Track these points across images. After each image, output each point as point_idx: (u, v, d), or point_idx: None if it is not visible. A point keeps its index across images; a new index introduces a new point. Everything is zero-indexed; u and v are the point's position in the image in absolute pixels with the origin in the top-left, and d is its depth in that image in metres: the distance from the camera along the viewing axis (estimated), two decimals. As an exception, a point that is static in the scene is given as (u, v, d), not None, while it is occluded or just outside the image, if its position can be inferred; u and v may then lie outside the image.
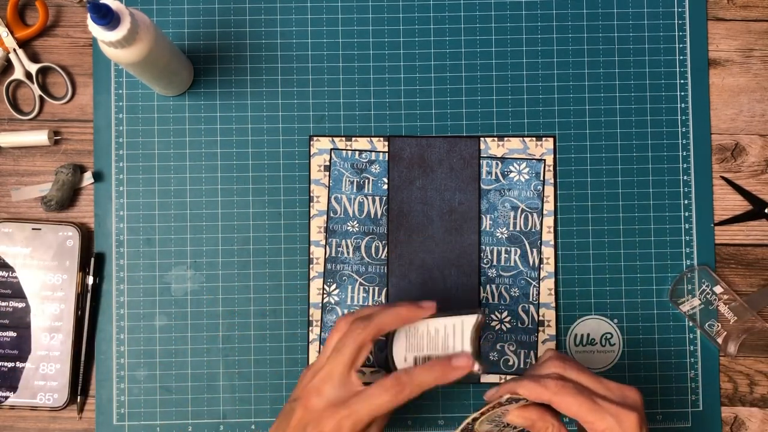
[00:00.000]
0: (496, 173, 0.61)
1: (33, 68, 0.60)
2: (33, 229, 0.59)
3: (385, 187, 0.60)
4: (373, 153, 0.61)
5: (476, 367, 0.44)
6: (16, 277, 0.58)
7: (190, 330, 0.59)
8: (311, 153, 0.61)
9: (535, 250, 0.60)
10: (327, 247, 0.60)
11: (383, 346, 0.47)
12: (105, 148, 0.60)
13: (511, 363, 0.60)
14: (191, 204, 0.60)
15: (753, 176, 0.62)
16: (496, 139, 0.61)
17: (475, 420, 0.44)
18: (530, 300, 0.60)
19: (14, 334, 0.58)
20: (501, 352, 0.60)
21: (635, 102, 0.61)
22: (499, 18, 0.62)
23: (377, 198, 0.60)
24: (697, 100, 0.62)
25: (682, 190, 0.61)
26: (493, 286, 0.60)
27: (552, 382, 0.43)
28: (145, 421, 0.59)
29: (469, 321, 0.45)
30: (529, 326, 0.60)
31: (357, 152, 0.61)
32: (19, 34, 0.60)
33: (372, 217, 0.60)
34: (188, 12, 0.61)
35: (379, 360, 0.48)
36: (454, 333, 0.45)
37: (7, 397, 0.58)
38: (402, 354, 0.47)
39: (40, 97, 0.61)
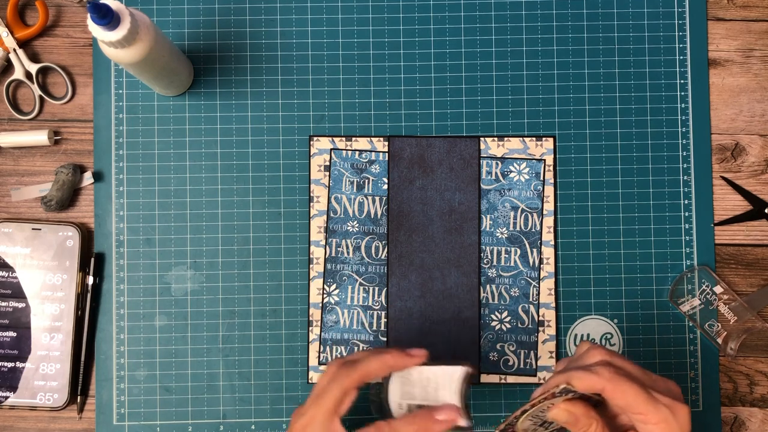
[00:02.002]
0: (496, 173, 0.61)
1: (33, 68, 0.60)
2: (33, 229, 0.59)
3: (385, 187, 0.60)
4: (373, 153, 0.61)
5: (462, 422, 0.43)
6: (16, 277, 0.58)
7: (190, 330, 0.59)
8: (311, 153, 0.61)
9: (535, 250, 0.60)
10: (327, 247, 0.60)
11: (379, 392, 0.47)
12: (105, 148, 0.60)
13: (511, 363, 0.60)
14: (191, 204, 0.60)
15: (753, 176, 0.62)
16: (496, 139, 0.61)
17: (524, 412, 0.42)
18: (530, 300, 0.60)
19: (14, 334, 0.58)
20: (501, 352, 0.60)
21: (635, 102, 0.61)
22: (499, 18, 0.62)
23: (377, 198, 0.60)
24: (697, 100, 0.62)
25: (682, 190, 0.61)
26: (493, 286, 0.60)
27: (604, 370, 0.40)
28: (145, 421, 0.59)
29: (458, 373, 0.45)
30: (529, 326, 0.60)
31: (357, 152, 0.61)
32: (19, 34, 0.60)
33: (372, 217, 0.60)
34: (188, 12, 0.61)
35: (376, 406, 0.47)
36: (444, 384, 0.45)
37: (7, 397, 0.58)
38: (397, 401, 0.46)
39: (40, 97, 0.61)
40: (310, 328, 0.60)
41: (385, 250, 0.60)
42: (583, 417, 0.41)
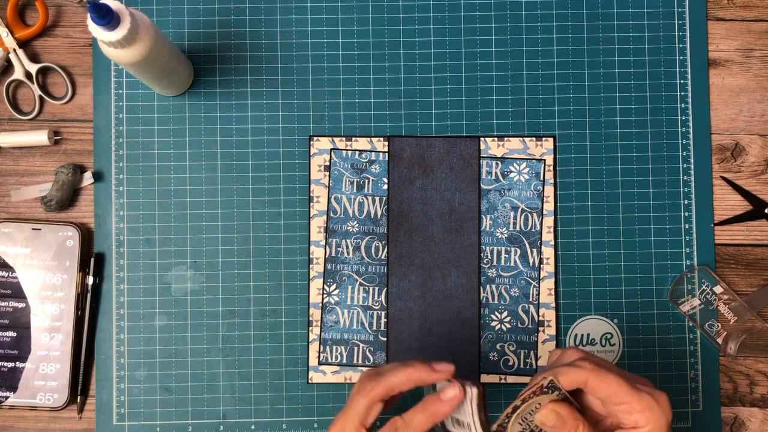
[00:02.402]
0: (496, 173, 0.61)
1: (33, 68, 0.60)
2: (33, 229, 0.59)
3: (385, 187, 0.60)
4: (373, 153, 0.61)
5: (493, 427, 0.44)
6: (16, 277, 0.58)
7: (190, 330, 0.59)
8: (311, 153, 0.61)
9: (535, 250, 0.60)
10: (327, 247, 0.60)
11: None
12: (105, 148, 0.60)
13: (511, 363, 0.60)
14: (191, 204, 0.60)
15: (753, 176, 0.62)
16: (496, 139, 0.61)
17: (515, 408, 0.43)
18: (530, 300, 0.60)
19: (14, 334, 0.58)
20: (501, 352, 0.60)
21: (635, 102, 0.61)
22: (499, 18, 0.62)
23: (377, 198, 0.60)
24: (697, 100, 0.62)
25: (682, 190, 0.61)
26: (493, 286, 0.60)
27: (586, 362, 0.42)
28: (145, 421, 0.59)
29: (471, 394, 0.45)
30: (529, 326, 0.60)
31: (357, 152, 0.61)
32: (19, 34, 0.60)
33: (372, 217, 0.60)
34: (188, 12, 0.61)
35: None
36: (463, 405, 0.45)
37: (7, 397, 0.58)
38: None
39: (40, 97, 0.61)
40: (310, 328, 0.60)
41: (385, 250, 0.60)
42: (569, 418, 0.42)
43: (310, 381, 0.59)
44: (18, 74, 0.60)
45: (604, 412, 0.44)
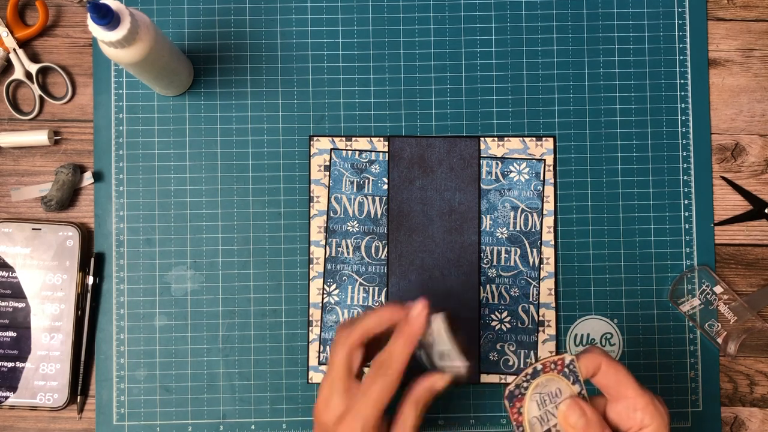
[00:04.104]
0: (496, 173, 0.61)
1: (33, 68, 0.60)
2: (33, 229, 0.59)
3: (385, 187, 0.60)
4: (373, 153, 0.61)
5: (458, 362, 0.44)
6: (16, 277, 0.58)
7: (190, 330, 0.59)
8: (311, 153, 0.61)
9: (535, 250, 0.60)
10: (327, 247, 0.60)
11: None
12: (105, 148, 0.60)
13: (511, 363, 0.60)
14: (191, 204, 0.60)
15: (753, 176, 0.62)
16: (496, 139, 0.61)
17: (535, 373, 0.42)
18: (530, 300, 0.60)
19: (14, 334, 0.58)
20: (501, 352, 0.60)
21: (635, 102, 0.61)
22: (499, 18, 0.62)
23: (377, 198, 0.60)
24: (697, 100, 0.62)
25: (682, 190, 0.61)
26: (493, 286, 0.60)
27: (597, 349, 0.42)
28: (145, 421, 0.59)
29: (438, 318, 0.46)
30: (529, 326, 0.60)
31: (357, 152, 0.61)
32: (19, 34, 0.60)
33: (372, 217, 0.60)
34: (188, 12, 0.61)
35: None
36: (435, 332, 0.46)
37: (7, 397, 0.58)
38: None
39: (40, 97, 0.61)
40: (310, 328, 0.60)
41: (385, 250, 0.60)
42: (594, 421, 0.40)
43: (310, 381, 0.59)
44: (18, 74, 0.60)
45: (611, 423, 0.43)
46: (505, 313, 0.60)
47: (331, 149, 0.61)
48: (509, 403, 0.42)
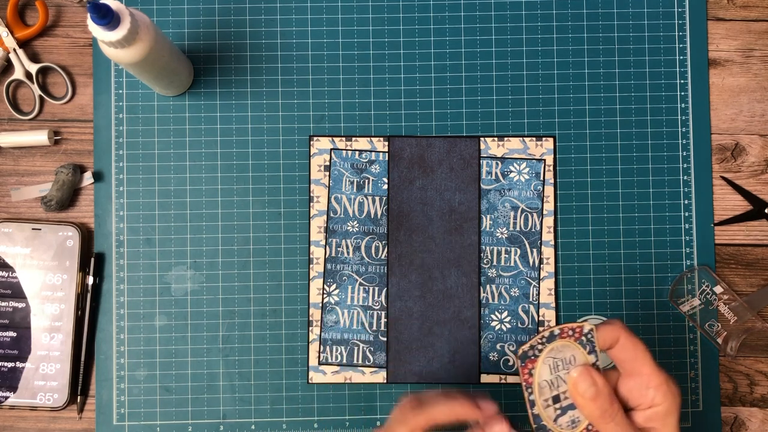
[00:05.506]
0: (496, 173, 0.61)
1: (33, 68, 0.60)
2: (33, 229, 0.59)
3: (385, 187, 0.60)
4: (373, 153, 0.61)
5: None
6: (16, 277, 0.58)
7: (190, 330, 0.59)
8: (311, 153, 0.61)
9: (535, 250, 0.60)
10: (327, 247, 0.60)
11: None
12: (105, 148, 0.60)
13: (511, 363, 0.60)
14: (191, 204, 0.60)
15: (753, 176, 0.62)
16: (496, 139, 0.61)
17: (552, 336, 0.40)
18: (530, 300, 0.60)
19: (14, 334, 0.58)
20: (501, 352, 0.60)
21: (635, 102, 0.61)
22: (499, 18, 0.62)
23: (377, 198, 0.60)
24: (697, 100, 0.62)
25: (682, 190, 0.61)
26: (493, 286, 0.60)
27: (618, 321, 0.40)
28: (145, 421, 0.59)
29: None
30: (529, 326, 0.60)
31: (357, 152, 0.61)
32: (19, 34, 0.60)
33: (372, 217, 0.60)
34: (188, 12, 0.61)
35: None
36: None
37: (7, 397, 0.58)
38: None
39: (40, 97, 0.61)
40: (310, 328, 0.60)
41: (385, 250, 0.60)
42: (604, 391, 0.39)
43: (310, 381, 0.59)
44: (18, 74, 0.60)
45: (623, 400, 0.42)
46: (505, 313, 0.60)
47: (331, 149, 0.61)
48: (521, 362, 0.41)
